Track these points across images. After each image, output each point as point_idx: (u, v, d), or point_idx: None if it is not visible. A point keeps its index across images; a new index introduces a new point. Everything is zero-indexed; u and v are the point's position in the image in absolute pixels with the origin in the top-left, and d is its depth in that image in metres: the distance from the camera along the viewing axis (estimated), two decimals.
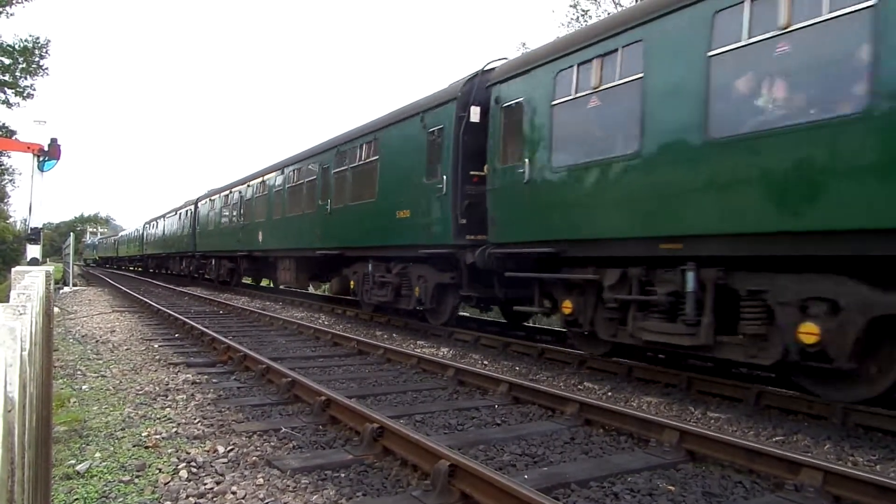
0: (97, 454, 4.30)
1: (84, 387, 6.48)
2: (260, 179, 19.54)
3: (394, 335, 11.05)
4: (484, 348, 9.58)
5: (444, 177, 10.01)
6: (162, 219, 35.19)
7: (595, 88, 7.17)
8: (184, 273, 30.29)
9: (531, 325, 12.24)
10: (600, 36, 7.18)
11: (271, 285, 23.77)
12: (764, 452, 4.09)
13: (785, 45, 5.33)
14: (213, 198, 24.73)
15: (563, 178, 7.60)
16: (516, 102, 8.47)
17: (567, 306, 7.69)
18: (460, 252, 9.73)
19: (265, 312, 13.82)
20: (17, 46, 27.26)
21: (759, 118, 5.59)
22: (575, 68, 7.46)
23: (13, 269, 4.63)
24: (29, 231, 19.14)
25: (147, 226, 40.19)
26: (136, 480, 3.85)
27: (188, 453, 4.29)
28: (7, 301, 2.51)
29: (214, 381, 6.85)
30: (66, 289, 23.34)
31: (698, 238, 5.98)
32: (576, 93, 7.44)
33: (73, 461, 4.15)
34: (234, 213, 21.81)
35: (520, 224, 8.34)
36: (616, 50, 6.93)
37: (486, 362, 8.45)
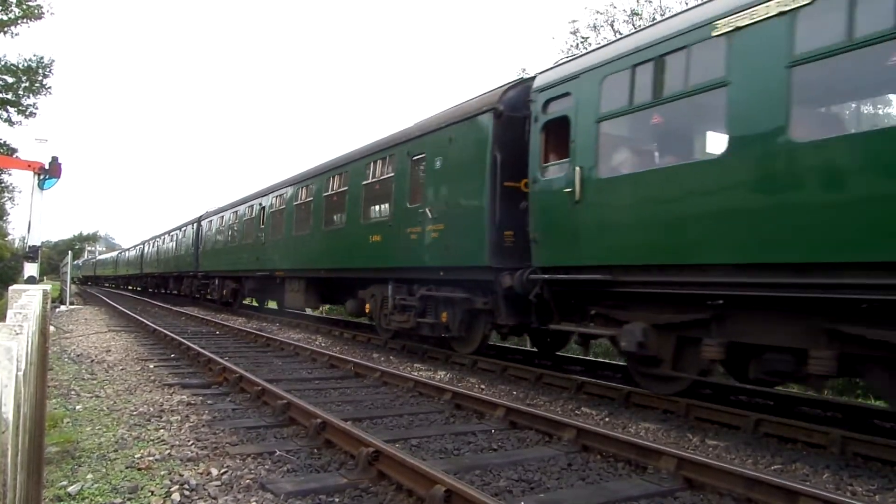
0: (89, 476, 4.26)
1: (78, 407, 6.43)
2: (162, 238, 35.89)
3: (391, 357, 11.01)
4: (481, 372, 9.53)
5: (194, 248, 27.09)
6: (127, 251, 53.40)
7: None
8: (139, 287, 45.85)
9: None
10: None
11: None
12: (762, 481, 4.05)
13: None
14: (150, 241, 40.48)
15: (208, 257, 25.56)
16: (204, 226, 26.40)
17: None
18: (199, 273, 26.57)
19: (262, 333, 13.77)
20: (21, 66, 27.50)
21: None
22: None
23: (10, 288, 4.62)
24: (27, 249, 19.13)
25: (119, 254, 58.17)
26: (128, 503, 3.81)
27: (181, 475, 4.25)
28: (4, 319, 2.51)
29: (209, 402, 6.81)
30: (62, 307, 23.26)
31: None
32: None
33: (64, 482, 4.11)
34: (155, 251, 37.45)
35: (205, 262, 25.72)
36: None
37: (482, 386, 8.40)
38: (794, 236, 5.13)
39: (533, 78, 8.53)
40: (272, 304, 22.78)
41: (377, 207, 12.60)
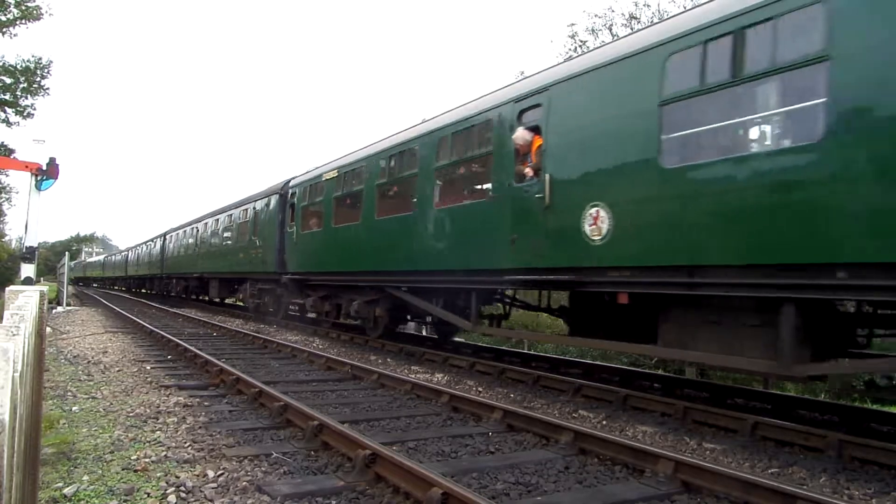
0: (85, 477, 4.25)
1: (74, 408, 6.41)
2: (140, 247, 43.69)
3: (388, 360, 11.00)
4: (479, 374, 9.53)
5: (160, 256, 34.98)
6: (113, 255, 62.93)
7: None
8: (123, 287, 53.69)
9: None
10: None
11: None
12: (759, 485, 4.05)
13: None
14: (133, 249, 48.92)
15: (169, 263, 33.41)
16: (168, 238, 34.28)
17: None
18: (164, 275, 34.29)
19: (259, 335, 13.75)
20: (19, 66, 27.49)
21: None
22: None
23: (7, 289, 4.61)
24: (24, 250, 19.11)
25: (105, 258, 68.26)
26: None
27: (178, 477, 4.24)
28: (1, 320, 2.50)
29: (206, 404, 6.79)
30: (59, 308, 23.22)
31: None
32: None
33: (60, 484, 4.09)
34: (134, 259, 46.02)
35: (167, 267, 33.28)
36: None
37: (480, 389, 8.40)
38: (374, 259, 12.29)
39: (291, 179, 16.92)
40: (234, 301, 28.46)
41: (243, 236, 20.45)
